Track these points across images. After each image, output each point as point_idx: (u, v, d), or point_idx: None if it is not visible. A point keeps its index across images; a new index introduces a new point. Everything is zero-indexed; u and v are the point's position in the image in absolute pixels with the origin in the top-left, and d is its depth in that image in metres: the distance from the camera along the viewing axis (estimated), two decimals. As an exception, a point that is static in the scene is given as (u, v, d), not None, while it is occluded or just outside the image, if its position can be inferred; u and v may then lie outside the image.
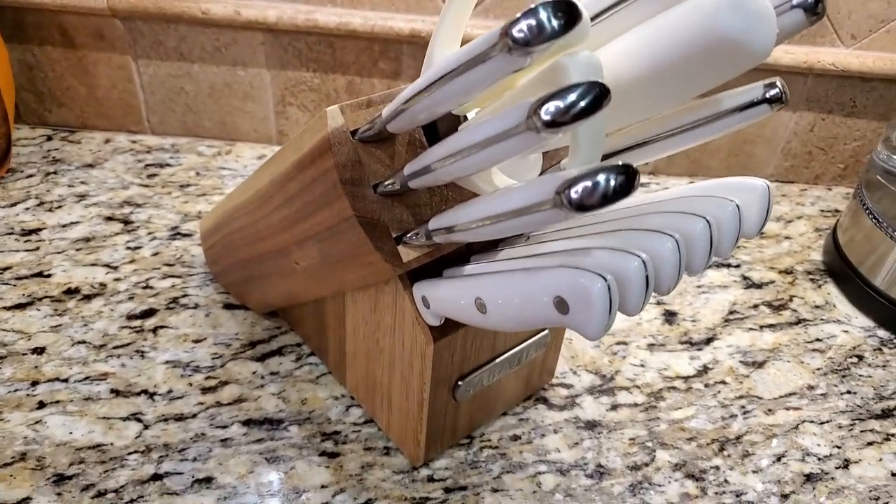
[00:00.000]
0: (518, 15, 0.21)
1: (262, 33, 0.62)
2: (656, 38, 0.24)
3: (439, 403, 0.38)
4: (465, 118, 0.32)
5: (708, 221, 0.27)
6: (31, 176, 0.62)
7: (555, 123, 0.21)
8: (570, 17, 0.20)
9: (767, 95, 0.26)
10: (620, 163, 0.21)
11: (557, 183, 0.22)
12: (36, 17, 0.61)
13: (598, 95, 0.21)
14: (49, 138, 0.67)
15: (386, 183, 0.31)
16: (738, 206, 0.28)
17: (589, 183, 0.21)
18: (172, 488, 0.39)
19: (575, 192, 0.21)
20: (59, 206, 0.59)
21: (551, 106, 0.21)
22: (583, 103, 0.21)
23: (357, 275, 0.35)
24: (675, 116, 0.29)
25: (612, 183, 0.21)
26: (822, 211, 0.68)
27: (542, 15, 0.20)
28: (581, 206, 0.21)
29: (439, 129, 0.33)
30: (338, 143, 0.31)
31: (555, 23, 0.20)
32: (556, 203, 0.22)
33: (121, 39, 0.63)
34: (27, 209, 0.58)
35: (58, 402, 0.43)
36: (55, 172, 0.63)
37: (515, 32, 0.21)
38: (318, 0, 0.61)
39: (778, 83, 0.27)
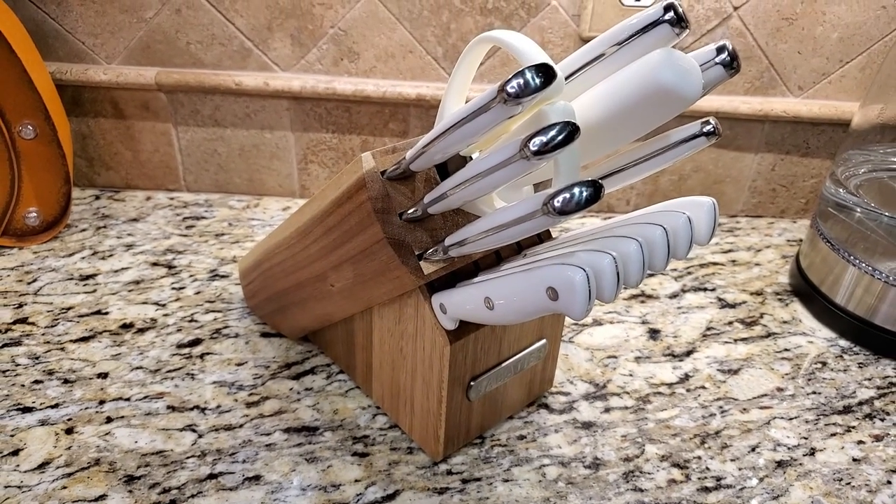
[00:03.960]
0: (510, 76, 0.29)
1: (287, 101, 0.71)
2: (614, 89, 0.32)
3: (455, 402, 0.45)
4: (471, 158, 0.40)
5: (665, 229, 0.35)
6: (84, 230, 0.70)
7: (540, 153, 0.29)
8: (548, 76, 0.29)
9: (704, 130, 0.35)
10: (590, 179, 0.29)
11: (544, 197, 0.30)
12: (92, 93, 0.71)
13: (571, 131, 0.29)
14: (97, 197, 0.76)
15: (409, 211, 0.39)
16: (689, 218, 0.36)
17: (567, 194, 0.29)
18: (227, 485, 0.45)
19: (557, 202, 0.29)
20: (111, 255, 0.67)
21: (537, 140, 0.29)
22: (560, 137, 0.29)
23: (385, 289, 0.42)
24: (636, 150, 0.37)
25: (585, 193, 0.29)
26: (788, 240, 0.76)
27: (528, 75, 0.28)
28: (563, 212, 0.29)
29: (449, 168, 0.41)
30: (371, 180, 0.38)
31: (537, 80, 0.28)
32: (544, 211, 0.30)
33: (164, 110, 0.72)
34: (83, 258, 0.66)
35: (123, 417, 0.49)
36: (105, 226, 0.71)
37: (509, 88, 0.29)
38: (336, 71, 0.70)
39: (711, 121, 0.35)
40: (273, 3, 0.67)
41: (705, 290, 0.67)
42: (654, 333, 0.61)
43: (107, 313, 0.59)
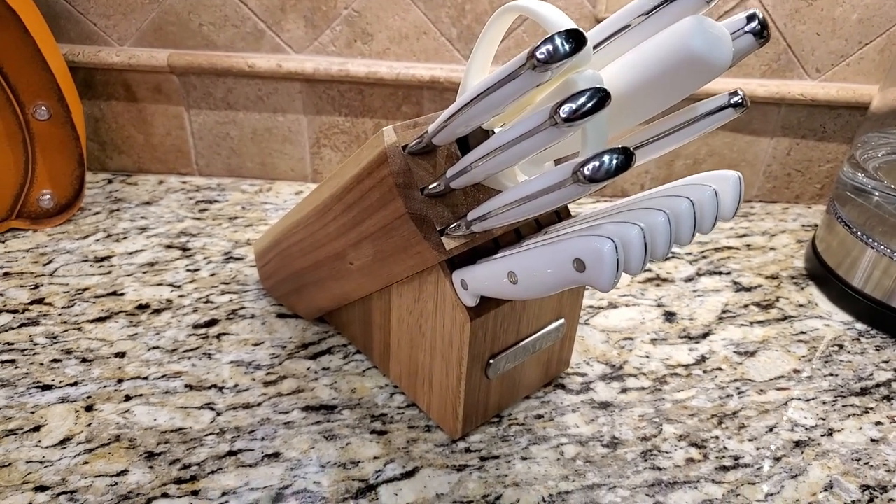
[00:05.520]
0: (540, 42, 0.28)
1: (300, 83, 0.71)
2: (643, 58, 0.32)
3: (474, 380, 0.45)
4: (493, 132, 0.40)
5: (692, 201, 0.34)
6: (97, 213, 0.70)
7: (570, 119, 0.28)
8: (578, 42, 0.28)
9: (731, 101, 0.34)
10: (620, 146, 0.29)
11: (573, 165, 0.30)
12: (104, 75, 0.71)
13: (601, 97, 0.28)
14: (110, 181, 0.75)
15: (431, 186, 0.38)
16: (715, 191, 0.36)
17: (597, 162, 0.29)
18: (246, 462, 0.45)
19: (587, 170, 0.29)
20: (125, 238, 0.66)
21: (567, 106, 0.28)
22: (591, 104, 0.28)
23: (406, 265, 0.42)
24: (663, 122, 0.36)
25: (615, 161, 0.28)
26: (803, 226, 0.76)
27: (558, 41, 0.28)
28: (593, 179, 0.29)
29: (470, 143, 0.41)
30: (393, 155, 0.38)
31: (567, 46, 0.28)
32: (574, 180, 0.29)
33: (176, 92, 0.72)
34: (97, 240, 0.66)
35: (141, 395, 0.49)
36: (118, 209, 0.71)
37: (538, 54, 0.28)
38: (350, 53, 0.70)
39: (739, 92, 0.34)
40: (287, -16, 0.66)
41: (720, 273, 0.67)
42: (669, 316, 0.61)
43: (122, 294, 0.59)
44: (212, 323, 0.56)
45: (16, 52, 0.59)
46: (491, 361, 0.45)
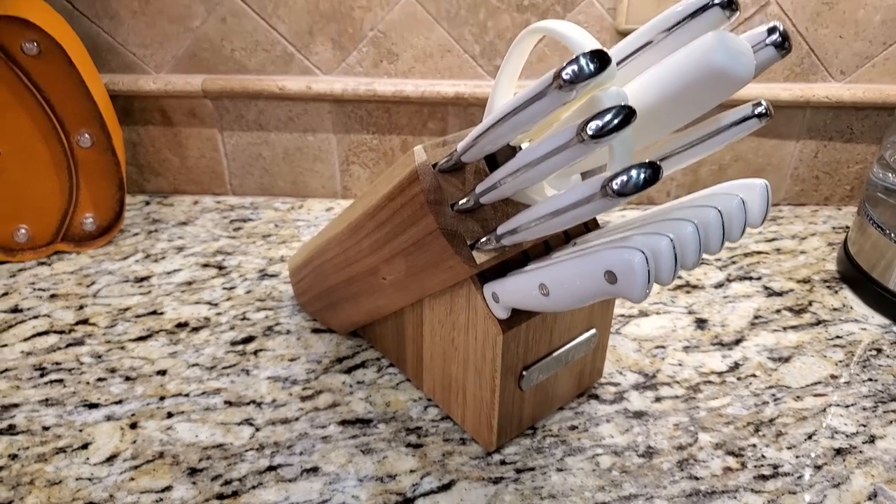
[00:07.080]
0: (566, 63, 0.29)
1: (329, 103, 0.73)
2: (666, 73, 0.32)
3: (508, 392, 0.45)
4: (520, 148, 0.41)
5: (719, 211, 0.35)
6: (136, 234, 0.72)
7: (597, 136, 0.29)
8: (603, 62, 0.29)
9: (755, 111, 0.35)
10: (647, 160, 0.29)
11: (602, 180, 0.30)
12: (142, 102, 0.73)
13: (627, 114, 0.29)
14: (147, 203, 0.78)
15: (461, 202, 0.39)
16: (742, 200, 0.36)
17: (625, 177, 0.29)
18: (286, 476, 0.46)
19: (616, 184, 0.29)
20: (163, 258, 0.69)
21: (593, 124, 0.29)
22: (616, 120, 0.29)
23: (438, 279, 0.43)
24: (688, 134, 0.37)
25: (643, 175, 0.29)
26: (834, 228, 0.75)
27: (583, 61, 0.29)
28: (622, 193, 0.29)
29: (498, 159, 0.41)
30: (423, 173, 0.39)
31: (591, 66, 0.29)
32: (603, 194, 0.30)
33: (210, 116, 0.74)
34: (137, 261, 0.68)
35: (182, 412, 0.51)
36: (156, 230, 0.73)
37: (564, 75, 0.29)
38: (376, 73, 0.72)
39: (763, 102, 0.35)
40: (314, 7, 0.68)
41: (751, 278, 0.67)
42: (701, 323, 0.61)
43: (162, 313, 0.61)
44: (249, 339, 0.58)
45: (61, 84, 0.62)
46: (524, 373, 0.45)
